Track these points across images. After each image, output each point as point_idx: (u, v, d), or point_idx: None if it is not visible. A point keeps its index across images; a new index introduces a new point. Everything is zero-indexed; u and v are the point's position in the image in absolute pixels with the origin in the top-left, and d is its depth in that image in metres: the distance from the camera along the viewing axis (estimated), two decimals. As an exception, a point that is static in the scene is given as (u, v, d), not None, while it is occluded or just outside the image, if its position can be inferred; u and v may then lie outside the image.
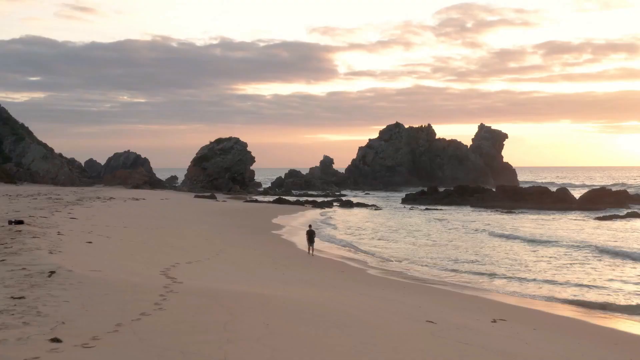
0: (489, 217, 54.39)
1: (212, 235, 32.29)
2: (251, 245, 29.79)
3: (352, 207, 68.16)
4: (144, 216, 39.70)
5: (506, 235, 37.79)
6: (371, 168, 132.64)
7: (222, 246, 27.18)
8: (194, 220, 40.60)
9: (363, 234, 39.77)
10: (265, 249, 28.76)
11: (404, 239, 36.88)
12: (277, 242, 32.95)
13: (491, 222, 49.32)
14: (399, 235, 39.08)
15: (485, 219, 52.79)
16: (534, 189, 70.45)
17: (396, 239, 36.88)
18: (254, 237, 33.83)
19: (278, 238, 34.89)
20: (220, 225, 39.28)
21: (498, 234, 38.70)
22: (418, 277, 22.99)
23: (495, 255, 29.30)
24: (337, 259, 27.70)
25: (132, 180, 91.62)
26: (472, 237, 38.07)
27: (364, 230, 42.20)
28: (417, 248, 32.43)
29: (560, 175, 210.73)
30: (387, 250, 31.61)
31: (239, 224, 41.38)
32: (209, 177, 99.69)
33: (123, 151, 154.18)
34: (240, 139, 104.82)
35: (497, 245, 33.52)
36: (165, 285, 13.91)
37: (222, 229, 36.94)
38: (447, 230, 42.23)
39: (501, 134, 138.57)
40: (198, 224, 38.07)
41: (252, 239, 32.74)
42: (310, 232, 28.37)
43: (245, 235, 34.35)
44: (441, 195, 75.37)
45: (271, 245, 30.77)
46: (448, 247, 32.55)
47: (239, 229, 37.80)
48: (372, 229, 43.43)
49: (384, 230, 42.40)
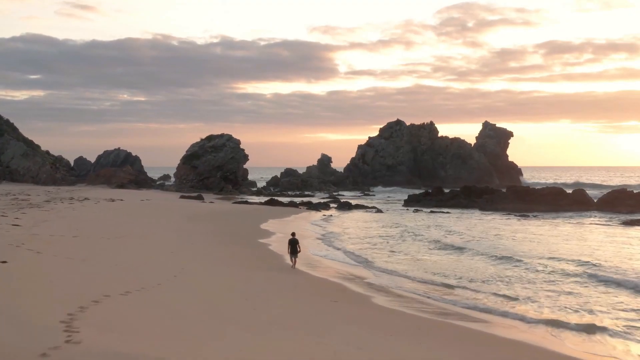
0: (510, 224, 48.90)
1: (181, 246, 26.75)
2: (227, 259, 24.26)
3: (351, 210, 62.64)
4: (107, 221, 34.19)
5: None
6: (371, 167, 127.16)
7: (186, 262, 21.65)
8: (167, 226, 35.06)
9: (365, 243, 34.26)
10: (244, 265, 23.26)
11: (417, 251, 31.29)
12: (262, 254, 27.38)
13: (517, 230, 43.82)
14: (409, 245, 33.55)
15: (508, 226, 47.30)
16: (548, 189, 64.96)
17: (407, 250, 31.31)
18: (233, 248, 28.29)
19: (264, 249, 29.34)
20: (197, 232, 33.75)
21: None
22: (446, 310, 17.32)
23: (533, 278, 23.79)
24: (333, 278, 22.17)
25: (116, 179, 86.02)
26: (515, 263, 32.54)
27: (366, 238, 36.66)
28: (436, 263, 26.90)
29: (559, 174, 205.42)
30: (397, 265, 26.08)
31: (221, 231, 35.86)
32: (199, 176, 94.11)
33: (113, 149, 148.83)
34: (233, 135, 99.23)
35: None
36: (43, 354, 8.47)
37: (198, 236, 31.40)
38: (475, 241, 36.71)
39: (506, 132, 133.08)
40: (170, 231, 32.55)
41: (230, 251, 27.20)
42: (293, 241, 23.59)
43: (223, 246, 28.80)
44: (447, 197, 69.82)
45: (252, 259, 25.24)
46: (479, 262, 27.03)
47: (219, 237, 32.27)
48: (375, 236, 37.87)
49: (388, 237, 36.87)
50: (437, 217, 53.83)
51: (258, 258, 25.96)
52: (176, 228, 34.64)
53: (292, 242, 23.73)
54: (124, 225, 33.05)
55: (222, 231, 35.63)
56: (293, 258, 23.59)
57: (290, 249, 23.63)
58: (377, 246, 32.80)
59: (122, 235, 28.36)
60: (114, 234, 28.26)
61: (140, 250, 24.08)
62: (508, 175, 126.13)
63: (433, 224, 46.58)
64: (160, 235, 30.13)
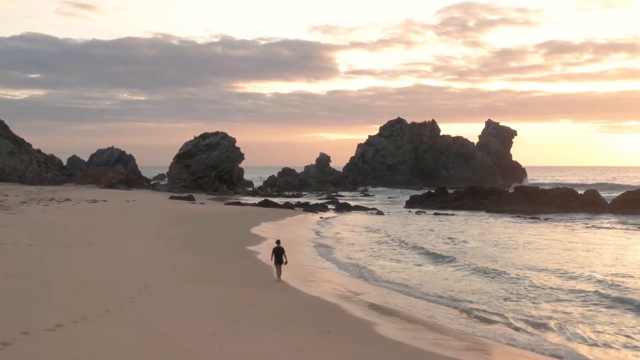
0: (523, 229, 45.41)
1: (153, 256, 23.23)
2: (204, 273, 20.73)
3: (350, 211, 59.12)
4: (77, 226, 30.68)
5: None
6: (371, 167, 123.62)
7: (153, 279, 18.14)
8: (144, 231, 31.52)
9: (365, 250, 30.75)
10: (223, 280, 19.77)
11: (425, 260, 27.76)
12: (247, 266, 23.84)
13: (534, 237, 40.33)
14: (415, 253, 30.02)
15: (522, 232, 43.82)
16: (559, 190, 61.41)
17: (413, 258, 27.76)
18: (215, 258, 24.76)
19: (251, 259, 25.77)
20: (177, 238, 30.22)
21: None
22: (472, 342, 13.63)
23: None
24: (328, 296, 18.65)
25: (105, 178, 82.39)
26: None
27: (366, 244, 33.13)
28: (449, 276, 23.38)
29: (560, 175, 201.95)
30: (403, 277, 22.57)
31: (205, 236, 32.33)
32: (192, 176, 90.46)
33: (107, 147, 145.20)
34: (232, 134, 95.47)
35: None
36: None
37: (177, 244, 27.86)
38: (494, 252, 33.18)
39: (510, 131, 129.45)
40: (146, 237, 29.01)
41: (210, 262, 23.67)
42: (278, 249, 20.53)
43: (203, 255, 25.26)
44: (451, 198, 66.26)
45: (235, 273, 21.74)
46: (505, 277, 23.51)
47: (201, 244, 28.73)
48: (376, 241, 34.34)
49: (391, 243, 33.35)
50: (443, 220, 50.29)
51: (242, 271, 22.45)
52: (154, 233, 31.10)
53: (276, 251, 20.60)
54: (95, 230, 29.53)
55: (207, 237, 32.09)
56: (278, 269, 20.40)
57: (275, 259, 20.47)
58: (378, 254, 29.29)
59: (89, 242, 24.84)
60: (79, 242, 24.75)
61: (102, 262, 20.57)
62: (512, 175, 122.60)
63: (439, 228, 43.03)
64: (133, 242, 26.60)
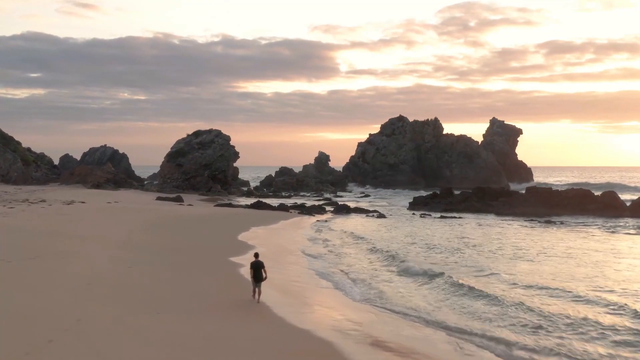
0: (542, 234, 41.33)
1: (110, 271, 19.14)
2: (167, 295, 16.65)
3: (349, 214, 55.06)
4: (33, 233, 26.56)
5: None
6: (371, 166, 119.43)
7: (92, 308, 14.07)
8: (113, 238, 27.39)
9: (368, 261, 26.67)
10: (190, 305, 15.71)
11: (443, 280, 23.56)
12: (226, 282, 19.72)
13: (563, 244, 36.22)
14: (428, 265, 25.92)
15: (541, 237, 39.74)
16: (574, 192, 57.27)
17: (429, 275, 23.64)
18: (187, 274, 20.62)
19: (232, 273, 21.62)
20: (150, 246, 26.13)
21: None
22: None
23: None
24: (320, 330, 14.57)
25: (92, 178, 78.23)
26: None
27: (369, 254, 29.03)
28: (474, 302, 19.25)
29: (563, 175, 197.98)
30: (418, 298, 18.47)
31: (183, 244, 28.21)
32: (185, 175, 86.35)
33: (99, 146, 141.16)
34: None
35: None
36: None
37: (147, 254, 23.78)
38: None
39: (515, 129, 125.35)
40: (112, 247, 24.89)
41: (180, 279, 19.55)
42: (256, 264, 16.89)
43: (175, 269, 21.14)
44: (457, 199, 62.14)
45: (209, 293, 17.65)
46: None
47: (175, 255, 24.61)
48: (380, 249, 30.20)
49: (397, 252, 29.23)
50: (451, 224, 46.16)
51: (219, 289, 18.36)
52: (124, 241, 27.00)
53: (255, 267, 16.84)
54: (53, 238, 25.43)
55: (185, 245, 27.97)
56: (256, 287, 16.84)
57: (253, 276, 16.82)
58: (383, 267, 25.20)
59: (36, 255, 20.75)
60: (25, 254, 20.67)
61: (38, 282, 16.48)
62: (517, 175, 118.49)
63: (449, 234, 38.91)
64: (92, 253, 22.49)
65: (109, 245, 25.17)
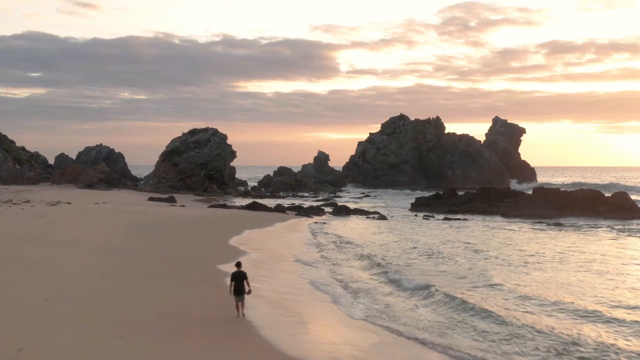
0: (558, 239, 39.00)
1: (78, 284, 16.86)
2: (136, 313, 14.38)
3: (349, 215, 52.76)
4: (2, 239, 24.29)
5: None
6: (372, 166, 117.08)
7: (42, 333, 11.81)
8: (91, 244, 25.10)
9: (369, 270, 24.38)
10: (164, 324, 13.43)
11: (457, 288, 21.26)
12: (208, 297, 17.39)
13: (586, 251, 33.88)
14: (439, 277, 23.62)
15: (559, 242, 37.41)
16: (583, 192, 54.95)
17: (440, 284, 21.28)
18: (167, 286, 18.32)
19: (218, 284, 19.21)
20: (129, 253, 23.85)
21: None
22: None
23: None
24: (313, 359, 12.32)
25: (84, 177, 75.93)
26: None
27: (371, 261, 26.72)
28: (494, 326, 16.95)
29: (566, 175, 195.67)
30: (433, 317, 16.17)
31: (167, 250, 25.90)
32: (180, 175, 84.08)
33: (95, 145, 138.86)
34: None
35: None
36: None
37: (124, 262, 21.50)
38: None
39: (518, 128, 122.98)
40: (87, 253, 22.61)
41: (157, 292, 17.24)
42: (238, 275, 14.77)
43: (153, 281, 18.83)
44: (461, 200, 59.82)
45: (190, 308, 15.36)
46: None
47: (157, 263, 22.31)
48: (384, 256, 27.88)
49: (403, 258, 26.93)
50: (458, 227, 43.83)
51: (198, 305, 16.07)
52: (102, 246, 24.72)
53: (236, 278, 14.78)
54: (22, 244, 23.14)
55: (170, 250, 25.68)
56: (240, 301, 14.82)
57: (234, 288, 14.77)
58: (383, 276, 22.87)
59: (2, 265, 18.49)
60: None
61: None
62: (521, 175, 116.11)
63: (453, 236, 36.59)
64: (63, 261, 20.22)
65: (83, 252, 22.90)
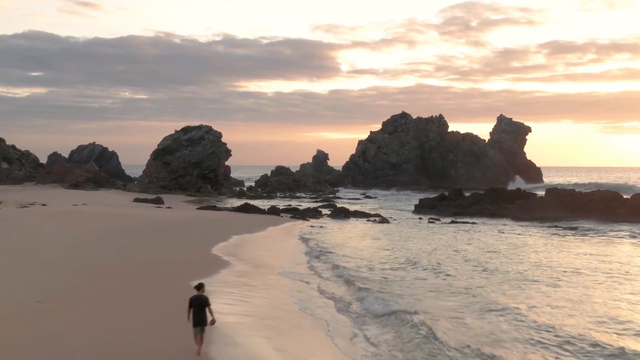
0: (590, 247, 35.34)
1: (2, 312, 13.23)
2: (68, 353, 10.77)
3: (348, 218, 49.10)
4: None
5: None
6: (372, 165, 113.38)
7: None
8: (42, 258, 21.43)
9: (372, 284, 20.69)
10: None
11: (475, 312, 17.57)
12: (165, 329, 13.72)
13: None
14: (456, 295, 19.95)
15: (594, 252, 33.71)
16: (600, 194, 51.27)
17: (456, 306, 17.64)
18: (115, 314, 14.65)
19: (183, 310, 15.58)
20: (90, 266, 20.20)
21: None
22: None
23: None
24: None
25: (71, 177, 72.35)
26: None
27: (373, 276, 23.03)
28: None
29: (568, 175, 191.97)
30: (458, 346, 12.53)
31: (138, 261, 22.19)
32: (172, 174, 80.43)
33: (88, 143, 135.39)
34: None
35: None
36: None
37: (76, 281, 17.87)
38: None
39: (524, 127, 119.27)
40: (30, 271, 18.95)
41: (97, 325, 13.55)
42: (198, 301, 11.65)
43: (101, 307, 15.17)
44: (468, 202, 56.18)
45: (129, 354, 11.70)
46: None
47: (116, 280, 18.63)
48: (390, 267, 24.19)
49: (413, 271, 23.25)
50: (468, 231, 40.14)
51: (150, 339, 12.42)
52: (60, 258, 21.07)
53: (196, 304, 11.60)
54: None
55: (138, 262, 21.99)
56: (198, 335, 11.54)
57: (193, 318, 11.54)
58: (395, 291, 19.18)
59: None
60: None
61: None
62: (527, 175, 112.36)
63: (465, 243, 32.91)
64: (1, 278, 16.58)
65: (31, 266, 19.26)
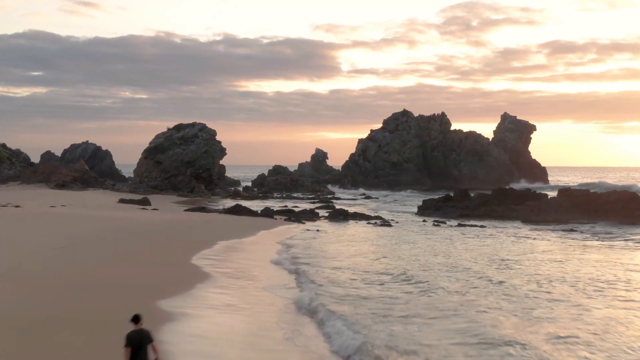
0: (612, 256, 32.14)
1: None
2: None
3: (347, 220, 45.86)
4: None
5: None
6: (373, 164, 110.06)
7: None
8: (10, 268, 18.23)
9: (375, 302, 17.43)
10: None
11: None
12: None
13: None
14: (473, 315, 16.72)
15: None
16: (616, 195, 48.07)
17: (477, 330, 14.41)
18: (48, 350, 11.45)
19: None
20: (35, 285, 16.97)
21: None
22: None
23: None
24: None
25: (57, 176, 69.20)
26: None
27: (378, 293, 19.79)
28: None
29: (569, 175, 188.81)
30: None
31: (100, 276, 18.96)
32: (164, 174, 77.17)
33: (81, 142, 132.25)
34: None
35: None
36: None
37: (10, 306, 14.66)
38: None
39: (528, 125, 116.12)
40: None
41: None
42: (138, 338, 8.46)
43: (30, 342, 11.95)
44: (474, 203, 52.96)
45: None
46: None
47: (69, 302, 15.42)
48: (392, 282, 20.96)
49: (420, 285, 20.02)
50: (479, 236, 36.96)
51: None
52: (9, 277, 17.84)
53: (135, 342, 8.53)
54: None
55: (100, 277, 18.73)
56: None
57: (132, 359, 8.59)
58: (400, 313, 15.92)
59: None
60: None
61: None
62: (531, 174, 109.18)
63: (476, 250, 29.68)
64: None
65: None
